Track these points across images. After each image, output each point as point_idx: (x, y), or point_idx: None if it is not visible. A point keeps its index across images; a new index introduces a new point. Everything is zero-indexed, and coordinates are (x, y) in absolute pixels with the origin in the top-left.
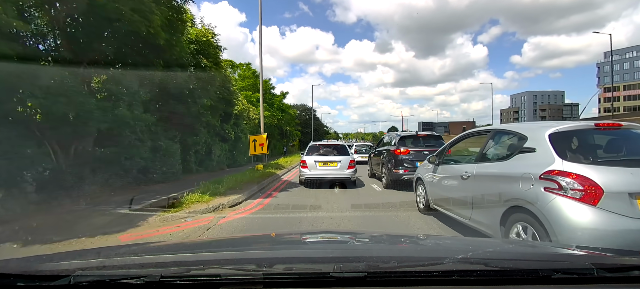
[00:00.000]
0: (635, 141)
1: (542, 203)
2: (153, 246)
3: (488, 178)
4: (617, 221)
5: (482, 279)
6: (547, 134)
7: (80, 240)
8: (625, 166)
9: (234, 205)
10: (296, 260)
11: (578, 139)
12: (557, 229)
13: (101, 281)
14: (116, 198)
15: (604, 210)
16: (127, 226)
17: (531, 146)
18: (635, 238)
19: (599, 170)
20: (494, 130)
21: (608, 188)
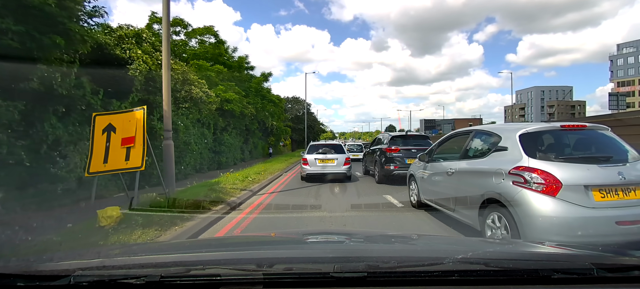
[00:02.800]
0: (596, 140)
1: (510, 195)
2: (153, 246)
3: (468, 173)
4: (573, 210)
5: (482, 279)
6: (518, 135)
7: None
8: (582, 163)
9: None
10: (296, 260)
11: (544, 139)
12: (523, 218)
13: (101, 281)
14: None
15: (563, 200)
16: None
17: (504, 145)
18: (588, 225)
19: (559, 166)
20: (475, 130)
21: (566, 181)
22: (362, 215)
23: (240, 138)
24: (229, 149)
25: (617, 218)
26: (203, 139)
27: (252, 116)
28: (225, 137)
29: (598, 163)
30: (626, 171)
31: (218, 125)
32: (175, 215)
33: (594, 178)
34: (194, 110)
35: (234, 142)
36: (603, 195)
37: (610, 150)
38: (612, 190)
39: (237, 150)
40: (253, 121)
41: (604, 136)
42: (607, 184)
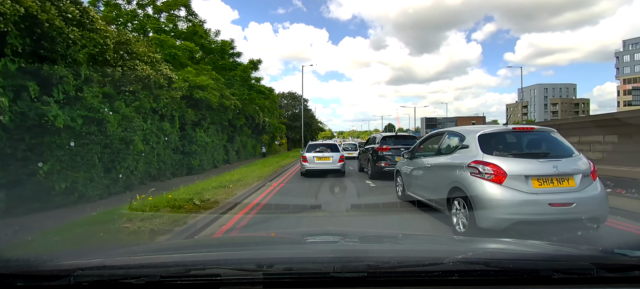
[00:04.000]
0: (543, 139)
1: (468, 183)
2: (153, 246)
3: (440, 167)
4: (515, 194)
5: (482, 279)
6: (477, 135)
7: None
8: (525, 158)
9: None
10: (296, 260)
11: (498, 139)
12: (477, 201)
13: (101, 281)
14: None
15: (507, 187)
16: None
17: (467, 144)
18: (527, 206)
19: (506, 160)
20: (447, 131)
21: (510, 172)
22: (362, 215)
23: (221, 136)
24: (205, 149)
25: (550, 201)
26: (162, 136)
27: (237, 110)
28: (199, 134)
29: (538, 158)
30: (560, 164)
31: (186, 119)
32: None
33: (533, 170)
34: (143, 95)
35: (212, 140)
36: (540, 183)
37: (552, 148)
38: (547, 179)
39: (219, 150)
40: (239, 116)
41: (550, 136)
42: (543, 174)
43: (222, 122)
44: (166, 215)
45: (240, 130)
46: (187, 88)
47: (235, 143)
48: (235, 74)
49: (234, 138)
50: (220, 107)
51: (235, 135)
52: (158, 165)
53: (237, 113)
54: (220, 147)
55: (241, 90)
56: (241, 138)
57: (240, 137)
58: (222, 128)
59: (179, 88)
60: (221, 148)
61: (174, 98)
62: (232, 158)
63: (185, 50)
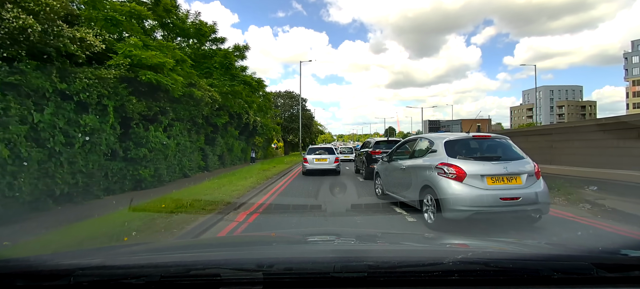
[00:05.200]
0: (495, 145)
1: (436, 182)
2: (153, 246)
3: (414, 168)
4: (473, 190)
5: (482, 279)
6: (443, 141)
7: None
8: (481, 160)
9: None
10: (296, 260)
11: (460, 144)
12: (442, 196)
13: (101, 281)
14: None
15: (467, 184)
16: None
17: (435, 148)
18: (482, 199)
19: (466, 162)
20: (420, 137)
21: (469, 172)
22: (362, 215)
23: (196, 137)
24: (164, 154)
25: (501, 196)
26: (77, 134)
27: (216, 104)
28: (152, 134)
29: (491, 161)
30: (509, 166)
31: (130, 111)
32: None
33: (488, 170)
34: (26, 66)
35: (179, 142)
36: (493, 181)
37: (504, 152)
38: (499, 178)
39: (192, 155)
40: (220, 112)
41: (503, 143)
42: (496, 174)
43: (196, 119)
44: None
45: (224, 131)
46: (128, 67)
47: (216, 146)
48: (214, 61)
49: (214, 140)
50: (190, 99)
51: (217, 137)
52: (70, 178)
53: (216, 109)
54: (193, 151)
55: (222, 81)
56: (226, 140)
57: (224, 139)
58: (195, 127)
59: (116, 65)
60: (195, 152)
61: (103, 79)
62: (212, 164)
63: (131, 14)
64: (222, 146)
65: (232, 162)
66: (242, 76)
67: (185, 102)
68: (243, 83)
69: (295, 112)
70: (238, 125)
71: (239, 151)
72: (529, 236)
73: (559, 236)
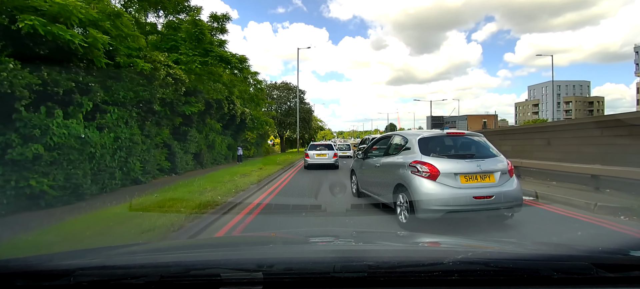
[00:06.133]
0: (469, 143)
1: (409, 180)
2: (153, 246)
3: (388, 165)
4: (446, 188)
5: (482, 279)
6: (417, 139)
7: None
8: (455, 158)
9: None
10: (296, 260)
11: (434, 142)
12: (415, 194)
13: (101, 281)
14: None
15: (440, 183)
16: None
17: (409, 146)
18: (456, 198)
19: (439, 160)
20: (394, 134)
21: (443, 170)
22: (362, 215)
23: (154, 129)
24: (82, 152)
25: (474, 194)
26: None
27: (182, 86)
28: (56, 123)
29: (465, 159)
30: (483, 164)
31: (3, 83)
32: None
33: (461, 168)
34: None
35: (120, 136)
36: (467, 179)
37: (478, 150)
38: (472, 176)
39: (147, 154)
40: (191, 98)
41: (477, 140)
42: (469, 172)
43: (152, 104)
44: None
45: (200, 123)
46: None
47: (190, 141)
48: (181, 33)
49: (186, 134)
50: (138, 75)
51: (191, 130)
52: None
53: (184, 94)
54: (149, 148)
55: (191, 57)
56: (204, 134)
57: (202, 134)
58: (152, 115)
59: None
60: (153, 149)
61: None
62: (182, 164)
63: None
64: (198, 143)
65: (214, 161)
66: (218, 51)
67: (130, 80)
68: (220, 61)
69: (293, 105)
70: (222, 117)
71: (223, 148)
72: (530, 236)
73: (559, 236)
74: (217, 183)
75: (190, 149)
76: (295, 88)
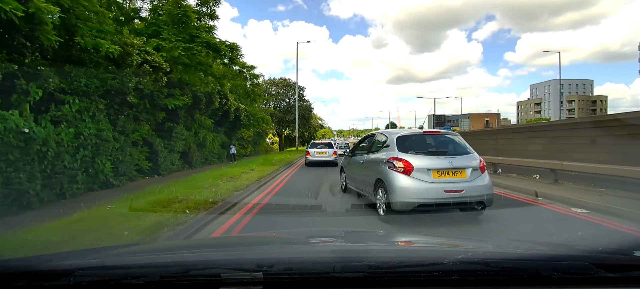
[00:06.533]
0: (445, 141)
1: (386, 175)
2: (153, 246)
3: (370, 162)
4: (419, 183)
5: (482, 279)
6: (395, 137)
7: None
8: (429, 155)
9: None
10: (296, 260)
11: (411, 140)
12: (390, 188)
13: (101, 281)
14: None
15: (414, 177)
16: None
17: (388, 144)
18: (428, 192)
19: (414, 157)
20: (378, 132)
21: (416, 166)
22: (362, 215)
23: (130, 125)
24: (26, 152)
25: (445, 188)
26: None
27: (163, 76)
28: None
29: (438, 155)
30: (455, 161)
31: None
32: None
33: (434, 165)
34: None
35: (83, 131)
36: (439, 174)
37: (451, 148)
38: (444, 172)
39: (122, 152)
40: (174, 90)
41: (452, 139)
42: (441, 168)
43: (125, 96)
44: None
45: (188, 119)
46: None
47: (176, 139)
48: (162, 15)
49: (172, 130)
50: (101, 58)
51: (177, 127)
52: None
53: (164, 85)
54: (124, 146)
55: (173, 43)
56: (194, 131)
57: (191, 131)
58: (128, 109)
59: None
60: (128, 147)
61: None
62: (166, 164)
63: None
64: (186, 141)
65: (205, 161)
66: (204, 37)
67: (95, 65)
68: (208, 48)
69: (292, 103)
70: (213, 112)
71: (215, 146)
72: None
73: (559, 236)
74: (195, 188)
75: (177, 147)
76: (295, 84)
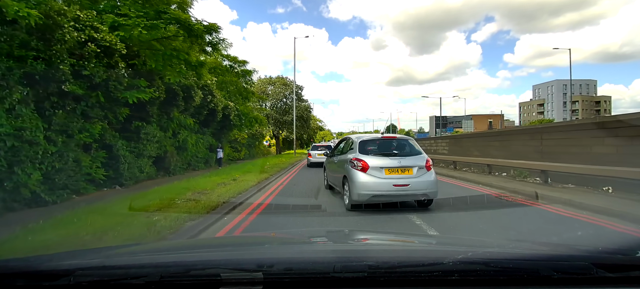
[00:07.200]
0: (399, 144)
1: (349, 172)
2: (153, 246)
3: (340, 161)
4: (374, 179)
5: (482, 279)
6: (358, 141)
7: None
8: (382, 156)
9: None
10: (296, 260)
11: (370, 143)
12: (351, 183)
13: (101, 281)
14: None
15: (369, 174)
16: None
17: (353, 147)
18: (380, 185)
19: (371, 157)
20: (348, 137)
21: (372, 164)
22: (362, 215)
23: (75, 123)
24: None
25: (394, 183)
26: None
27: (119, 60)
28: None
29: (390, 156)
30: (403, 160)
31: None
32: None
33: (386, 163)
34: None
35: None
36: (390, 171)
37: (403, 150)
38: (394, 169)
39: (62, 159)
40: (138, 81)
41: (406, 142)
42: (392, 166)
43: (62, 83)
44: None
45: (163, 117)
46: None
47: (146, 141)
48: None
49: (139, 131)
50: (14, 28)
51: (147, 126)
52: None
53: (123, 74)
54: (63, 151)
55: (133, 18)
56: (174, 131)
57: (168, 131)
58: (69, 100)
59: None
60: (72, 152)
61: None
62: (132, 172)
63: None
64: (160, 143)
65: (188, 166)
66: (174, 13)
67: (6, 39)
68: (177, 25)
69: (290, 102)
70: (197, 111)
71: (200, 149)
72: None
73: (559, 236)
74: (116, 216)
75: (147, 151)
76: (291, 83)
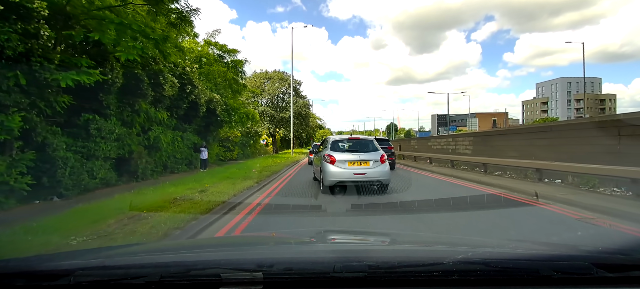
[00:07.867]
0: (361, 144)
1: (323, 164)
2: (153, 246)
3: (318, 157)
4: (339, 169)
5: (482, 279)
6: (331, 141)
7: None
8: (347, 152)
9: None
10: (296, 260)
11: (339, 142)
12: (323, 173)
13: (101, 281)
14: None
15: (336, 166)
16: None
17: (327, 145)
18: (344, 174)
19: (338, 153)
20: (327, 139)
21: (338, 159)
22: (362, 215)
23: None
24: None
25: (354, 172)
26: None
27: (42, 29)
28: None
29: (353, 152)
30: (362, 156)
31: None
32: None
33: (349, 158)
34: None
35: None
36: (351, 164)
37: (364, 148)
38: (355, 162)
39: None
40: (78, 59)
41: (367, 141)
42: (353, 160)
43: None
44: None
45: (126, 109)
46: None
47: (96, 139)
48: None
49: (87, 126)
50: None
51: (99, 120)
52: None
53: (50, 46)
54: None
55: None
56: (143, 127)
57: (133, 126)
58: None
59: None
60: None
61: None
62: (76, 180)
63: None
64: (122, 141)
65: (164, 168)
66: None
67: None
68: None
69: (288, 99)
70: (174, 103)
71: (180, 149)
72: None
73: (559, 236)
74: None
75: (102, 152)
76: (289, 78)
